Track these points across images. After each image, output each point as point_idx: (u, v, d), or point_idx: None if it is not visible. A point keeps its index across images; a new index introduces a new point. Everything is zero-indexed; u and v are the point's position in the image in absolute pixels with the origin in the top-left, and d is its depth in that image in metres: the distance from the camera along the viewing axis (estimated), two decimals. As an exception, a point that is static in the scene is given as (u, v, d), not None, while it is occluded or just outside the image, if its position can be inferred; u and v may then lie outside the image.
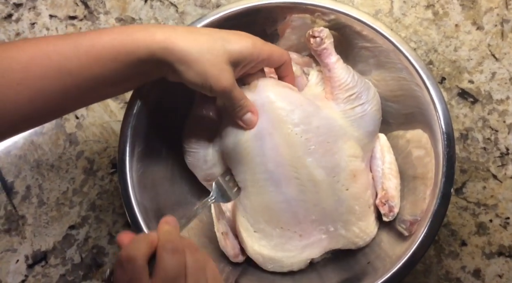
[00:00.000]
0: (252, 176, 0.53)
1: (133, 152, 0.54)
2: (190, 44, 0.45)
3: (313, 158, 0.52)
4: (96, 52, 0.44)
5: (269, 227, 0.54)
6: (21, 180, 0.66)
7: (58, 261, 0.64)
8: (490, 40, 0.65)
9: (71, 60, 0.44)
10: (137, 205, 0.53)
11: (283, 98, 0.53)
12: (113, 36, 0.45)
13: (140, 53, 0.45)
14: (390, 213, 0.55)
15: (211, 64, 0.46)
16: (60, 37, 0.45)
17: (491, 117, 0.64)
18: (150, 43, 0.45)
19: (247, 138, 0.52)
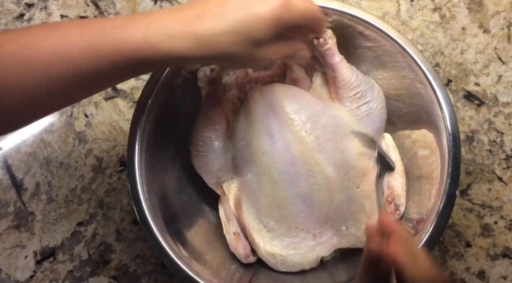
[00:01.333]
0: (265, 176, 0.53)
1: (142, 150, 0.55)
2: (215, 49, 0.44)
3: (324, 156, 0.53)
4: (119, 61, 0.44)
5: (283, 227, 0.55)
6: (30, 177, 0.67)
7: (66, 257, 0.65)
8: (496, 43, 0.66)
9: (91, 63, 0.44)
10: (146, 202, 0.54)
11: (290, 98, 0.54)
12: (135, 43, 0.43)
13: (170, 62, 0.46)
14: (396, 212, 0.56)
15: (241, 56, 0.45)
16: (82, 33, 0.43)
17: (496, 120, 0.64)
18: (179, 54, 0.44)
19: (257, 137, 0.53)
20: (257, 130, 0.53)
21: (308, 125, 0.53)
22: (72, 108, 0.68)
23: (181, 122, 0.60)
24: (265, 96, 0.53)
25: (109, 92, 0.68)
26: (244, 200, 0.56)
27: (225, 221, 0.58)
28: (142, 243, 0.65)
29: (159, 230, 0.53)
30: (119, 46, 0.43)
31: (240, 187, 0.57)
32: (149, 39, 0.43)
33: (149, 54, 0.43)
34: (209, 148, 0.56)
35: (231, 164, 0.56)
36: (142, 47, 0.43)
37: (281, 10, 0.43)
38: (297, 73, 0.58)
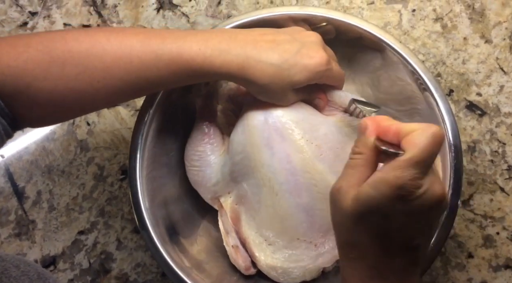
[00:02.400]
0: (265, 188, 0.53)
1: (143, 159, 0.55)
2: (259, 75, 0.48)
3: (325, 164, 0.53)
4: (176, 67, 0.47)
5: (285, 239, 0.54)
6: (32, 185, 0.67)
7: (67, 266, 0.65)
8: (498, 53, 0.66)
9: (151, 70, 0.47)
10: (146, 211, 0.54)
11: (290, 110, 0.54)
12: (192, 54, 0.47)
13: (216, 75, 0.49)
14: None
15: (275, 91, 0.50)
16: (143, 40, 0.47)
17: (498, 130, 0.64)
18: (225, 69, 0.48)
19: (257, 149, 0.53)
20: (256, 143, 0.53)
21: (309, 135, 0.53)
22: (74, 116, 0.68)
23: (182, 132, 0.60)
24: (262, 109, 0.53)
25: (111, 100, 0.68)
26: (243, 214, 0.56)
27: (224, 234, 0.58)
28: (142, 252, 0.65)
29: (159, 239, 0.53)
30: (177, 55, 0.47)
31: (238, 201, 0.56)
32: (204, 52, 0.47)
33: (202, 66, 0.47)
34: (205, 162, 0.56)
35: (228, 178, 0.56)
36: (197, 58, 0.47)
37: (322, 68, 0.50)
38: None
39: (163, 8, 0.70)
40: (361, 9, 0.68)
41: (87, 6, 0.71)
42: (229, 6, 0.70)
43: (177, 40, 0.47)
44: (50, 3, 0.71)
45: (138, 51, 0.47)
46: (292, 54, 0.49)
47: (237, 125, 0.55)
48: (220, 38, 0.48)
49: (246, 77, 0.48)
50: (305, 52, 0.49)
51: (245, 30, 0.51)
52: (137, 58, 0.47)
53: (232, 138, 0.55)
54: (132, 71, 0.47)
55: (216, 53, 0.47)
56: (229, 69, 0.48)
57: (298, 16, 0.57)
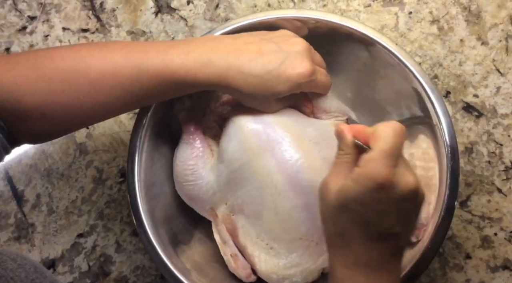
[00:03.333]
0: (268, 189, 0.53)
1: (142, 162, 0.55)
2: (242, 85, 0.49)
3: (325, 162, 0.53)
4: (159, 81, 0.48)
5: (287, 240, 0.54)
6: (31, 188, 0.67)
7: (66, 269, 0.65)
8: (494, 55, 0.66)
9: (134, 85, 0.48)
10: (145, 213, 0.54)
11: (281, 113, 0.55)
12: (174, 68, 0.48)
13: (200, 87, 0.50)
14: None
15: (260, 102, 0.52)
16: (126, 56, 0.48)
17: (495, 131, 0.64)
18: (208, 80, 0.49)
19: (256, 154, 0.53)
20: (255, 147, 0.53)
21: (306, 134, 0.54)
22: (73, 119, 0.68)
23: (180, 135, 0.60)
24: (253, 115, 0.54)
25: (110, 103, 0.69)
26: (240, 223, 0.55)
27: (221, 243, 0.57)
28: (141, 255, 0.65)
29: (158, 242, 0.53)
30: (160, 70, 0.48)
31: (235, 210, 0.56)
32: (186, 65, 0.48)
33: (185, 79, 0.48)
34: (199, 176, 0.56)
35: (225, 187, 0.55)
36: (179, 72, 0.48)
37: (306, 79, 0.50)
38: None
39: (161, 12, 0.71)
40: (358, 12, 0.68)
41: (85, 10, 0.71)
42: (227, 9, 0.70)
43: (158, 54, 0.48)
44: (49, 8, 0.72)
45: (121, 66, 0.48)
46: (276, 65, 0.49)
47: (227, 133, 0.55)
48: (201, 50, 0.49)
49: (229, 87, 0.49)
50: (289, 63, 0.49)
51: (230, 37, 0.52)
52: (120, 73, 0.48)
53: (225, 148, 0.54)
54: (116, 86, 0.48)
55: (197, 66, 0.48)
56: (212, 80, 0.49)
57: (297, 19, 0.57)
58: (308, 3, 0.69)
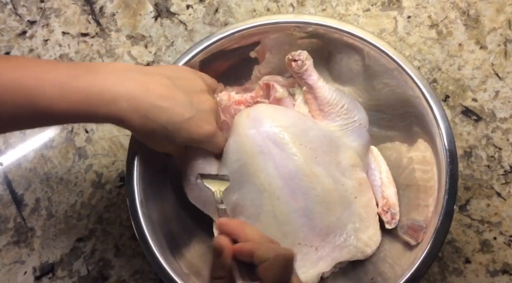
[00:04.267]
0: (266, 193, 0.53)
1: (141, 166, 0.55)
2: (141, 128, 0.46)
3: (321, 167, 0.53)
4: (53, 114, 0.43)
5: (286, 245, 0.53)
6: (30, 192, 0.67)
7: (65, 273, 0.65)
8: (493, 59, 0.66)
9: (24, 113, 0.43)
10: (144, 217, 0.54)
11: (280, 117, 0.55)
12: (72, 104, 0.43)
13: (98, 121, 0.46)
14: (393, 221, 0.56)
15: (153, 143, 0.50)
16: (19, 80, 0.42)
17: (494, 135, 0.64)
18: (108, 118, 0.45)
19: (254, 156, 0.53)
20: (251, 150, 0.53)
21: (302, 139, 0.54)
22: (73, 123, 0.68)
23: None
24: (253, 117, 0.54)
25: (109, 108, 0.69)
26: None
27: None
28: (141, 259, 0.65)
29: (157, 246, 0.53)
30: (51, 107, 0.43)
31: (237, 211, 0.56)
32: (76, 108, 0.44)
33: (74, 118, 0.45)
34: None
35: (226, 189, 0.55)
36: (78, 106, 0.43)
37: (207, 139, 0.50)
38: (281, 93, 0.59)
39: (161, 16, 0.71)
40: (357, 16, 0.69)
41: (85, 14, 0.72)
42: (226, 14, 0.70)
43: (56, 85, 0.43)
44: (49, 12, 0.72)
45: (12, 93, 0.42)
46: (182, 119, 0.47)
47: (229, 136, 0.56)
48: (105, 83, 0.44)
49: (127, 126, 0.46)
50: (195, 121, 0.48)
51: (140, 72, 0.47)
52: (10, 101, 0.42)
53: (226, 150, 0.55)
54: (5, 111, 0.42)
55: (102, 103, 0.44)
56: (112, 118, 0.45)
57: (294, 24, 0.57)
58: (307, 7, 0.69)
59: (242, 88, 0.64)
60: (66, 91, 0.43)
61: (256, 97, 0.62)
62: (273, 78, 0.62)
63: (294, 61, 0.57)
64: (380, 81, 0.59)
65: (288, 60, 0.57)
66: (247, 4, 0.70)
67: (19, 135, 0.69)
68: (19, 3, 0.72)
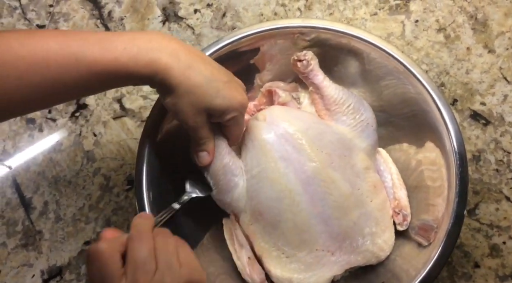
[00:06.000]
0: (286, 200, 0.53)
1: (149, 170, 0.55)
2: (182, 81, 0.46)
3: (338, 172, 0.53)
4: (98, 70, 0.44)
5: (304, 251, 0.54)
6: (39, 196, 0.67)
7: (73, 276, 0.65)
8: (501, 63, 0.66)
9: (70, 74, 0.44)
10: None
11: (295, 120, 0.54)
12: (116, 55, 0.44)
13: (140, 76, 0.46)
14: (404, 222, 0.56)
15: (191, 105, 0.48)
16: (62, 42, 0.44)
17: (503, 139, 0.64)
18: (152, 68, 0.45)
19: (274, 162, 0.53)
20: (271, 155, 0.53)
21: (318, 143, 0.54)
22: (81, 127, 0.69)
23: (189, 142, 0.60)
24: (270, 121, 0.54)
25: (117, 111, 0.69)
26: (258, 232, 0.55)
27: (236, 248, 0.56)
28: (148, 262, 0.65)
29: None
30: (99, 57, 0.44)
31: (254, 219, 0.55)
32: (130, 51, 0.45)
33: (127, 66, 0.45)
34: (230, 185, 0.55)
35: (246, 195, 0.55)
36: (121, 58, 0.44)
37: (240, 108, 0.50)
38: (284, 97, 0.60)
39: (169, 20, 0.71)
40: (364, 20, 0.69)
41: (93, 19, 0.72)
42: (234, 18, 0.71)
43: (101, 41, 0.45)
44: (58, 17, 0.72)
45: (56, 54, 0.43)
46: (223, 81, 0.48)
47: (244, 143, 0.55)
48: (150, 36, 0.46)
49: (168, 81, 0.46)
50: (234, 87, 0.49)
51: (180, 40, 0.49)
52: (54, 62, 0.43)
53: (244, 155, 0.55)
54: (49, 76, 0.43)
55: (143, 52, 0.45)
56: (154, 68, 0.45)
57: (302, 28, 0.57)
58: (314, 11, 0.70)
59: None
60: (109, 44, 0.44)
61: (260, 105, 0.62)
62: (275, 84, 0.62)
63: (299, 61, 0.57)
64: (386, 84, 0.59)
65: (294, 60, 0.57)
66: (255, 9, 0.71)
67: (28, 138, 0.69)
68: (28, 7, 0.73)
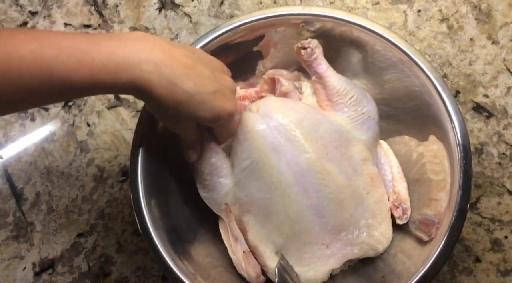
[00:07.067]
0: (277, 191, 0.52)
1: (145, 161, 0.54)
2: (166, 96, 0.44)
3: (333, 164, 0.52)
4: (73, 85, 0.42)
5: (297, 244, 0.53)
6: (30, 186, 0.66)
7: (66, 269, 0.64)
8: (505, 54, 0.65)
9: (43, 86, 0.41)
10: (148, 213, 0.53)
11: (289, 111, 0.53)
12: (92, 70, 0.41)
13: (119, 91, 0.44)
14: (404, 216, 0.55)
15: (176, 120, 0.48)
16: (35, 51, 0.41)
17: (506, 132, 0.63)
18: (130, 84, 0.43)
19: (264, 154, 0.51)
20: (262, 147, 0.51)
21: (313, 134, 0.52)
22: (74, 117, 0.67)
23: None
24: (263, 112, 0.52)
25: (112, 101, 0.67)
26: (250, 223, 0.54)
27: (232, 242, 0.55)
28: (143, 255, 0.64)
29: (161, 242, 0.52)
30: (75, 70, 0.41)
31: (245, 211, 0.54)
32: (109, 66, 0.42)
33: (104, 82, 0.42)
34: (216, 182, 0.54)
35: (235, 187, 0.54)
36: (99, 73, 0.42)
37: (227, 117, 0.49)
38: (286, 87, 0.58)
39: (165, 8, 0.70)
40: (366, 10, 0.67)
41: (88, 6, 0.70)
42: (232, 6, 0.69)
43: (76, 52, 0.41)
44: (51, 3, 0.70)
45: (30, 63, 0.40)
46: (207, 91, 0.46)
47: (237, 132, 0.54)
48: (129, 49, 0.43)
49: (151, 96, 0.44)
50: (219, 96, 0.47)
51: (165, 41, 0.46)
52: (28, 72, 0.40)
53: (234, 148, 0.54)
54: (23, 86, 0.41)
55: (122, 68, 0.42)
56: (135, 85, 0.43)
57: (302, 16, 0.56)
58: (315, 0, 0.68)
59: (247, 83, 0.63)
60: (86, 57, 0.41)
61: (261, 92, 0.61)
62: (278, 72, 0.60)
63: (303, 49, 0.55)
64: (389, 75, 0.57)
65: (297, 48, 0.56)
66: (254, -3, 0.69)
67: (20, 128, 0.67)
68: (20, -7, 0.71)
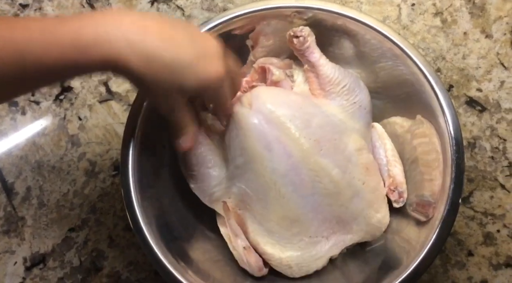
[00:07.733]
0: (272, 192, 0.51)
1: (136, 155, 0.53)
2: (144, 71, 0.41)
3: (328, 159, 0.52)
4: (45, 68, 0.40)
5: (297, 238, 0.53)
6: (21, 181, 0.65)
7: (57, 264, 0.63)
8: (499, 48, 0.65)
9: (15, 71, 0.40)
10: (139, 208, 0.52)
11: (281, 104, 0.52)
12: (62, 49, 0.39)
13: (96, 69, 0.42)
14: (400, 199, 0.55)
15: (161, 90, 0.44)
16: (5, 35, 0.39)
17: (499, 126, 0.63)
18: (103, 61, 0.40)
19: (257, 152, 0.51)
20: (255, 146, 0.51)
21: (306, 130, 0.51)
22: (66, 110, 0.66)
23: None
24: (254, 109, 0.52)
25: (103, 94, 0.67)
26: (248, 220, 0.54)
27: (232, 238, 0.55)
28: (135, 250, 0.63)
29: (152, 237, 0.52)
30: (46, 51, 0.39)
31: (241, 206, 0.54)
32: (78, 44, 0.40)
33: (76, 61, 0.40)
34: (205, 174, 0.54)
35: (229, 182, 0.54)
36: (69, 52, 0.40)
37: (214, 85, 0.45)
38: (277, 76, 0.57)
39: (158, 1, 0.69)
40: (360, 3, 0.67)
41: (79, -2, 0.69)
42: (225, -1, 0.68)
43: (45, 33, 0.39)
44: (42, -5, 0.70)
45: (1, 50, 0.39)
46: (188, 59, 0.43)
47: (229, 128, 0.53)
48: (97, 23, 0.40)
49: (129, 72, 0.41)
50: (202, 61, 0.43)
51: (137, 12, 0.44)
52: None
53: (228, 143, 0.53)
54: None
55: (91, 44, 0.39)
56: (108, 61, 0.40)
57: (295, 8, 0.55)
58: (308, -7, 0.68)
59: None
60: (54, 37, 0.39)
61: (252, 82, 0.60)
62: (268, 60, 0.59)
63: (295, 38, 0.54)
64: (382, 66, 0.57)
65: (290, 36, 0.55)
66: (247, -10, 0.68)
67: (10, 121, 0.66)
68: (10, -15, 0.70)
